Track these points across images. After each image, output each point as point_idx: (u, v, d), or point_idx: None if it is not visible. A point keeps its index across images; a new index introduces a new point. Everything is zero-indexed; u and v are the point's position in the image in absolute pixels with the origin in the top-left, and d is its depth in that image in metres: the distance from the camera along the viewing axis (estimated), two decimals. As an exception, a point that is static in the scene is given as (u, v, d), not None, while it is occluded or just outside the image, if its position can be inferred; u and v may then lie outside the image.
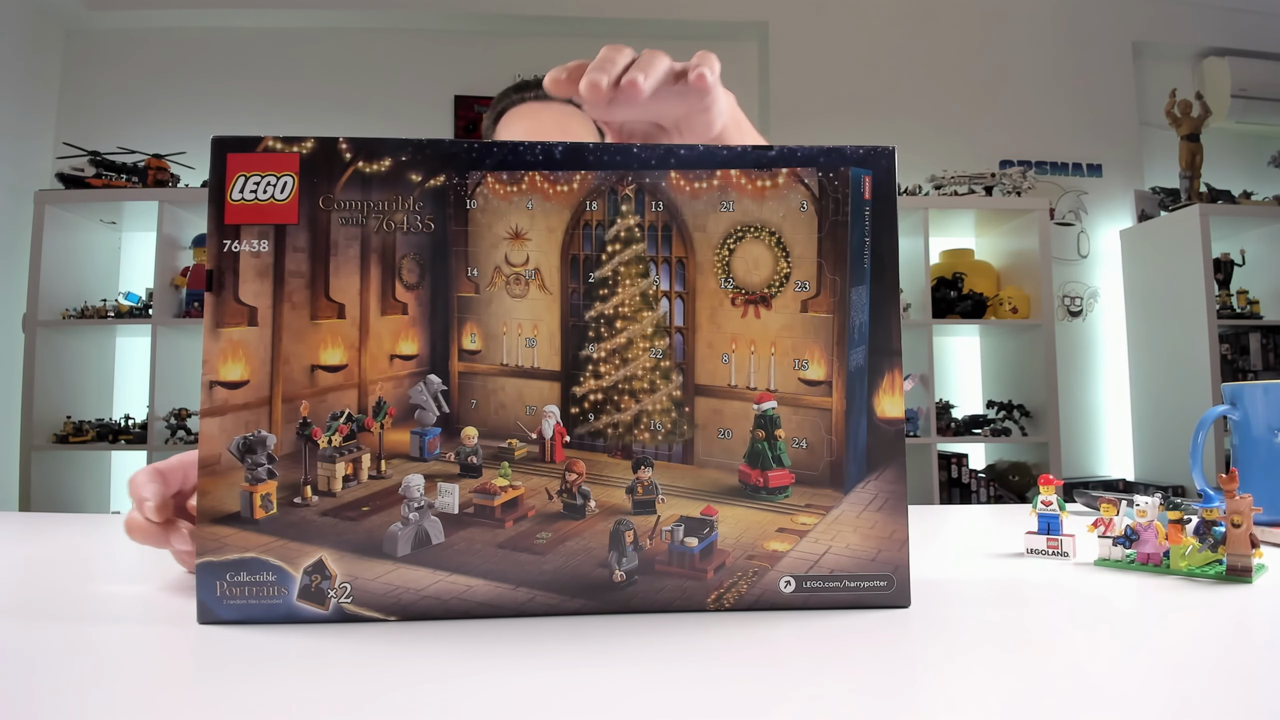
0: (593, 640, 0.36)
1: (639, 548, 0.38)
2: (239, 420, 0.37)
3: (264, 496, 0.37)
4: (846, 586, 0.40)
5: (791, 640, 0.36)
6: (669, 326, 0.39)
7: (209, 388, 0.37)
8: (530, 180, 0.38)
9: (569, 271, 0.39)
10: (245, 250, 0.37)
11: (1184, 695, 0.29)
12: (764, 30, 3.35)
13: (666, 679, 0.31)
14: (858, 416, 0.40)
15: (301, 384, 0.37)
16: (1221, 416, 0.69)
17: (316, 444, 0.37)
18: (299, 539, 0.37)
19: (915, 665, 0.33)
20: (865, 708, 0.28)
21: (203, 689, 0.30)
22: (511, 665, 0.33)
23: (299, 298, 0.37)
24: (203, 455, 0.37)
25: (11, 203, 2.89)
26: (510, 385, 0.39)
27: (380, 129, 3.23)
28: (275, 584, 0.37)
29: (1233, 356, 3.11)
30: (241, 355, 0.37)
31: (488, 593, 0.37)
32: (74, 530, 0.71)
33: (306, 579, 0.37)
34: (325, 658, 0.33)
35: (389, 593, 0.37)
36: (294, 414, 0.37)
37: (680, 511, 0.38)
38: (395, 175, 0.38)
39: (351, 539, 0.37)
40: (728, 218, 0.39)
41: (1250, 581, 0.46)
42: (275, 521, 0.37)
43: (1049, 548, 0.54)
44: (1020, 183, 3.05)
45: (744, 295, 0.39)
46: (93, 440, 2.71)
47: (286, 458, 0.37)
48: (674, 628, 0.37)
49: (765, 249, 0.39)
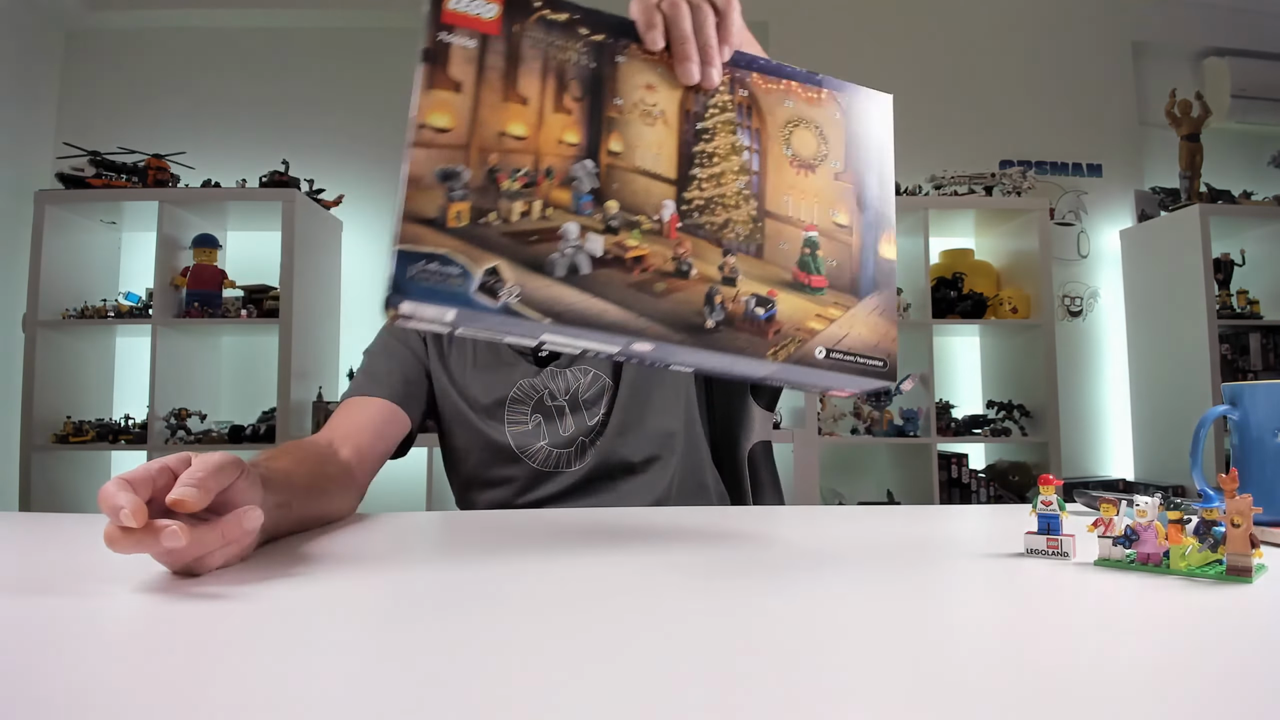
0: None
1: (724, 307, 0.52)
2: (441, 155, 0.48)
3: (458, 212, 0.47)
4: (858, 361, 0.56)
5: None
6: (749, 169, 0.56)
7: (418, 128, 0.47)
8: (661, 55, 0.55)
9: (684, 118, 0.55)
10: (456, 42, 0.49)
11: (1184, 695, 0.29)
12: (764, 30, 3.35)
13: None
14: (868, 253, 0.58)
15: (492, 141, 0.49)
16: (1221, 416, 0.69)
17: (499, 186, 0.49)
18: (482, 248, 0.47)
19: (914, 664, 0.33)
20: (864, 707, 0.28)
21: (208, 683, 0.30)
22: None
23: (495, 83, 0.50)
24: (413, 173, 0.47)
25: (11, 203, 2.89)
26: (640, 181, 0.53)
27: (380, 129, 3.22)
28: (460, 276, 0.46)
29: (1233, 356, 3.11)
30: (448, 110, 0.48)
31: (618, 315, 0.50)
32: (73, 530, 0.71)
33: (486, 278, 0.47)
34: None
35: (546, 301, 0.48)
36: (484, 161, 0.49)
37: (752, 290, 0.54)
38: (569, 25, 0.52)
39: (522, 256, 0.48)
40: (788, 110, 0.58)
41: (1250, 581, 0.46)
42: (465, 232, 0.47)
43: (1049, 548, 0.54)
44: (1020, 183, 3.05)
45: (797, 161, 0.57)
46: (93, 440, 2.71)
47: (475, 190, 0.48)
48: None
49: (812, 136, 0.58)
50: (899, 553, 0.60)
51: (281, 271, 2.73)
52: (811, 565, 0.56)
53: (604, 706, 0.28)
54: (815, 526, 0.76)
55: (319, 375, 2.91)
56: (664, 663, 0.33)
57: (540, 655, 0.34)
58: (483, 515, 0.88)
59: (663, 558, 0.58)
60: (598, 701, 0.29)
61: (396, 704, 0.28)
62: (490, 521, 0.80)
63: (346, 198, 3.09)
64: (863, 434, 3.01)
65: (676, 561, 0.56)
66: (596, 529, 0.72)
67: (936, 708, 0.28)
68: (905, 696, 0.29)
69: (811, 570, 0.54)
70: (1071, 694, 0.29)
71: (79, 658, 0.34)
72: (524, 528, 0.73)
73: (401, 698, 0.29)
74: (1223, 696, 0.29)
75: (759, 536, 0.69)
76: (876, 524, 0.75)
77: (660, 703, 0.29)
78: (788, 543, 0.68)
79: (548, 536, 0.68)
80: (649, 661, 0.33)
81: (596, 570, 0.53)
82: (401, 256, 0.45)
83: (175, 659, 0.35)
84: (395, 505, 1.04)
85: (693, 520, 0.77)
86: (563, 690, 0.30)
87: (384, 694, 0.29)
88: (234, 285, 2.85)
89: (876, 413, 2.97)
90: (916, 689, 0.30)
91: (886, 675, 0.32)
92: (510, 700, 0.29)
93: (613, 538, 0.67)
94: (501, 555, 0.60)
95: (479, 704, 0.29)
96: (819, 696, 0.29)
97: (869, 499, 3.24)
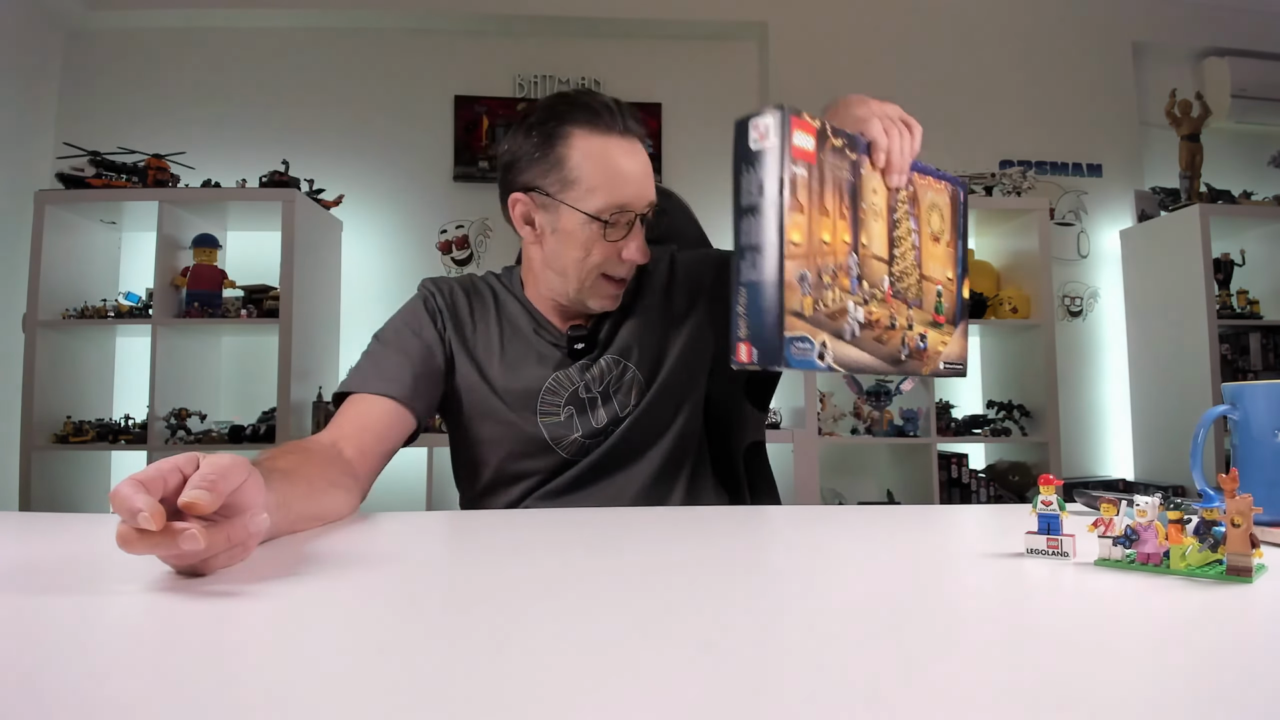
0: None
1: (907, 344, 0.74)
2: (798, 263, 0.62)
3: (808, 303, 0.63)
4: (953, 366, 0.80)
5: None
6: (915, 245, 0.76)
7: (790, 244, 0.62)
8: (877, 165, 0.72)
9: (887, 211, 0.73)
10: (799, 173, 0.62)
11: (1184, 695, 0.29)
12: (764, 30, 3.35)
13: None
14: (960, 295, 0.81)
15: (816, 247, 0.64)
16: (1221, 416, 0.69)
17: (821, 281, 0.65)
18: (816, 326, 0.64)
19: (914, 664, 0.33)
20: (863, 707, 0.28)
21: (208, 683, 0.30)
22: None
23: (815, 201, 0.64)
24: (787, 279, 0.61)
25: (11, 203, 2.89)
26: (874, 263, 0.71)
27: (380, 129, 3.23)
28: (810, 349, 0.63)
29: (1233, 356, 3.11)
30: (799, 228, 0.63)
31: (870, 361, 0.70)
32: (74, 530, 0.71)
33: (820, 348, 0.64)
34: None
35: (843, 359, 0.67)
36: (814, 263, 0.64)
37: (918, 330, 0.75)
38: (841, 149, 0.67)
39: (830, 329, 0.66)
40: (928, 198, 0.77)
41: (1250, 581, 0.46)
42: (811, 318, 0.63)
43: (1049, 548, 0.54)
44: (1020, 183, 3.05)
45: (932, 234, 0.77)
46: (93, 440, 2.71)
47: (813, 286, 0.64)
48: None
49: (938, 215, 0.79)
50: (899, 553, 0.60)
51: (281, 271, 2.73)
52: (811, 565, 0.56)
53: (604, 706, 0.28)
54: (815, 526, 0.76)
55: (319, 375, 2.91)
56: (664, 662, 0.33)
57: (541, 655, 0.34)
58: (482, 515, 0.88)
59: (663, 557, 0.58)
60: (598, 701, 0.29)
61: (397, 704, 0.28)
62: (490, 521, 0.80)
63: (346, 198, 3.09)
64: (863, 434, 3.00)
65: (676, 560, 0.56)
66: (597, 528, 0.72)
67: (936, 707, 0.28)
68: (905, 696, 0.29)
69: (811, 570, 0.54)
70: (1071, 694, 0.29)
71: (79, 658, 0.34)
72: (524, 527, 0.73)
73: (402, 698, 0.29)
74: (1223, 696, 0.29)
75: (759, 536, 0.69)
76: (876, 524, 0.75)
77: (660, 702, 0.29)
78: (787, 542, 0.68)
79: (548, 536, 0.68)
80: (649, 661, 0.33)
81: (597, 570, 0.53)
82: (786, 340, 0.61)
83: (176, 659, 0.35)
84: (395, 505, 1.04)
85: (693, 519, 0.77)
86: (563, 689, 0.30)
87: (384, 694, 0.29)
88: (234, 285, 2.84)
89: (876, 413, 2.97)
90: (916, 689, 0.30)
91: (886, 675, 0.32)
92: (511, 700, 0.29)
93: (613, 537, 0.67)
94: (501, 555, 0.60)
95: (480, 704, 0.29)
96: (819, 696, 0.29)
97: (869, 499, 3.24)
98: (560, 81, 3.33)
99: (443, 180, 3.24)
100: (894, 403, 2.98)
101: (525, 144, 0.95)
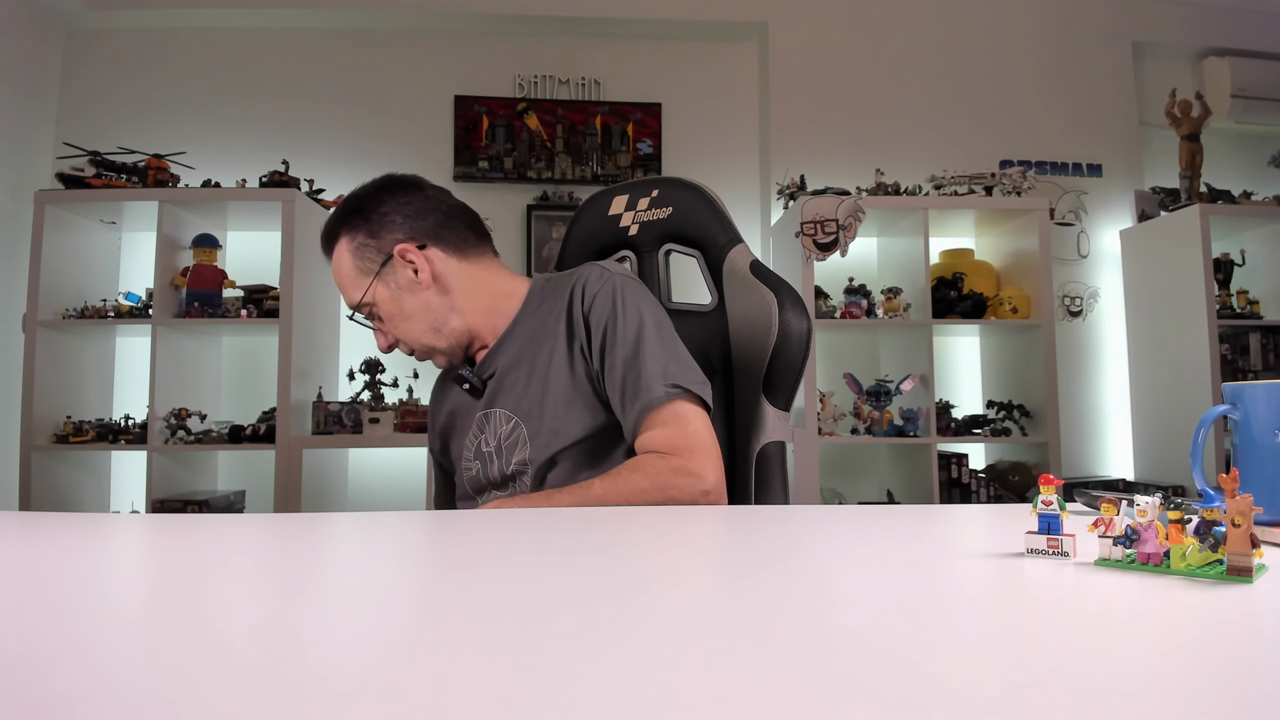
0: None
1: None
2: None
3: None
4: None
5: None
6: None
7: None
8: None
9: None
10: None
11: (1184, 695, 0.29)
12: (764, 30, 3.35)
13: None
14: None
15: None
16: (1222, 416, 0.69)
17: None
18: None
19: (914, 664, 0.33)
20: (863, 707, 0.28)
21: (208, 684, 0.30)
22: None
23: None
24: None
25: (11, 203, 2.89)
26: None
27: (380, 129, 3.23)
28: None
29: (1233, 356, 3.11)
30: None
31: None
32: (74, 530, 0.71)
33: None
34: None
35: None
36: None
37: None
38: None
39: None
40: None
41: (1250, 581, 0.46)
42: None
43: (1049, 548, 0.54)
44: (1020, 183, 3.05)
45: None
46: (93, 440, 2.71)
47: None
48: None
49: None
50: (899, 552, 0.60)
51: (281, 271, 2.73)
52: (811, 565, 0.56)
53: (604, 706, 0.28)
54: (815, 526, 0.76)
55: (319, 375, 2.91)
56: (664, 662, 0.33)
57: (541, 654, 0.34)
58: (482, 514, 0.88)
59: (663, 556, 0.58)
60: (598, 701, 0.29)
61: (397, 704, 0.28)
62: (489, 520, 0.80)
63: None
64: (863, 434, 3.00)
65: (676, 560, 0.56)
66: (596, 528, 0.72)
67: (936, 708, 0.28)
68: (905, 696, 0.29)
69: (811, 570, 0.54)
70: (1071, 694, 0.29)
71: (79, 658, 0.34)
72: (524, 526, 0.73)
73: (402, 698, 0.29)
74: (1223, 697, 0.29)
75: (758, 536, 0.69)
76: (876, 524, 0.75)
77: (660, 702, 0.29)
78: (787, 542, 0.68)
79: (548, 535, 0.68)
80: (649, 661, 0.33)
81: (596, 569, 0.53)
82: None
83: (176, 659, 0.35)
84: (395, 505, 1.04)
85: (693, 519, 0.77)
86: (563, 689, 0.30)
87: (385, 694, 0.29)
88: (234, 285, 2.84)
89: (876, 413, 2.97)
90: (916, 689, 0.30)
91: (886, 675, 0.32)
92: (511, 700, 0.29)
93: (613, 537, 0.67)
94: (501, 554, 0.60)
95: (480, 703, 0.29)
96: (818, 696, 0.29)
97: (869, 499, 3.24)
98: (560, 81, 3.33)
99: (443, 180, 3.21)
100: (894, 403, 2.98)
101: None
